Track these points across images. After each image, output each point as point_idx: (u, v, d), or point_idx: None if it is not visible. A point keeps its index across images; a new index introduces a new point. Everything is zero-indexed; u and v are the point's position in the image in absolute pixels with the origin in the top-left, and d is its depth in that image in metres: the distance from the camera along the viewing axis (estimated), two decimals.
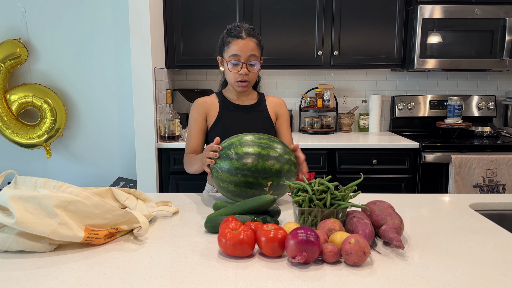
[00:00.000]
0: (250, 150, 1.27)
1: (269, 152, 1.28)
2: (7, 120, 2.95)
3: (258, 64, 1.57)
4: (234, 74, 1.55)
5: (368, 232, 0.98)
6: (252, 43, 1.53)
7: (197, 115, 1.62)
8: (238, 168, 1.25)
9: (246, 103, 1.66)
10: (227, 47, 1.54)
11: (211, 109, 1.63)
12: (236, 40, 1.52)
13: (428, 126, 3.15)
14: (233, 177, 1.26)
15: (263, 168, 1.25)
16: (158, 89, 2.70)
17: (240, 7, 2.80)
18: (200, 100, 1.65)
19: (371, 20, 2.82)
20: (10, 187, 1.01)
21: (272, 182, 1.26)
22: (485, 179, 2.54)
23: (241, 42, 1.52)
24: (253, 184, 1.25)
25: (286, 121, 1.70)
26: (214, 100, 1.65)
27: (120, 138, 3.19)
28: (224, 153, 1.30)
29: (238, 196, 1.29)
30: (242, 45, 1.51)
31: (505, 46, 2.71)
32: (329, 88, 3.08)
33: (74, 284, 0.83)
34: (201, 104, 1.63)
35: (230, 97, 1.66)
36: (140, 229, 1.07)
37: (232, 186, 1.27)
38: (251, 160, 1.25)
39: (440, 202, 1.39)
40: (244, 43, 1.52)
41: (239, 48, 1.51)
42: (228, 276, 0.86)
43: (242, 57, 1.52)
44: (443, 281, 0.84)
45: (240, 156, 1.26)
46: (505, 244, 1.03)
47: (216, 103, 1.64)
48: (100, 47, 3.08)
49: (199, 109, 1.62)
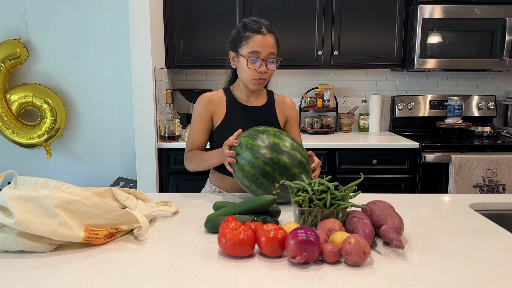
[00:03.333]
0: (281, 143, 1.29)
1: (295, 154, 1.29)
2: (7, 120, 2.95)
3: (276, 63, 1.48)
4: (252, 71, 1.45)
5: (368, 232, 0.98)
6: (272, 40, 1.46)
7: (203, 113, 1.54)
8: (261, 153, 1.26)
9: (255, 104, 1.59)
10: (245, 42, 1.44)
11: (218, 107, 1.54)
12: (256, 36, 1.43)
13: (428, 126, 3.15)
14: (254, 158, 1.26)
15: (284, 164, 1.26)
16: (158, 89, 2.70)
17: (240, 7, 2.80)
18: (206, 96, 1.55)
19: (371, 20, 2.82)
20: (10, 187, 1.01)
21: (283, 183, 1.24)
22: (485, 179, 2.54)
23: (262, 38, 1.43)
24: (268, 174, 1.25)
25: (295, 124, 1.66)
26: (221, 98, 1.56)
27: (120, 138, 3.19)
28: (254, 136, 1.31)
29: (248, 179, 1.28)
30: (263, 41, 1.43)
31: (505, 46, 2.71)
32: (329, 88, 3.08)
33: (74, 284, 0.83)
34: (208, 102, 1.54)
35: (239, 96, 1.58)
36: (140, 229, 1.07)
37: (248, 167, 1.27)
38: (279, 153, 1.26)
39: (440, 202, 1.39)
40: (265, 39, 1.43)
41: (259, 44, 1.43)
42: (228, 276, 0.86)
43: (262, 54, 1.43)
44: (443, 281, 0.84)
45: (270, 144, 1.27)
46: (505, 244, 1.03)
47: (223, 102, 1.55)
48: (100, 47, 3.08)
49: (205, 107, 1.54)
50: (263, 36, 1.44)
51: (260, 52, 1.43)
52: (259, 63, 1.44)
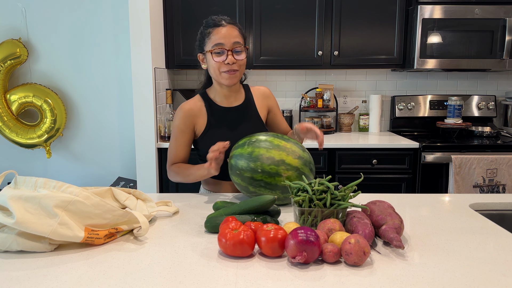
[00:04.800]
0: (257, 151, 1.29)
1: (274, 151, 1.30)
2: (7, 120, 2.95)
3: (244, 53, 1.45)
4: (220, 64, 1.42)
5: (368, 232, 0.98)
6: (235, 30, 1.43)
7: (184, 127, 1.50)
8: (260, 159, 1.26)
9: (235, 104, 1.55)
10: (207, 39, 1.43)
11: (199, 117, 1.51)
12: (217, 29, 1.41)
13: (428, 126, 3.15)
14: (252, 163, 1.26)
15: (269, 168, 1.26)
16: (158, 89, 2.70)
17: (240, 7, 2.80)
18: (185, 108, 1.51)
19: (371, 20, 2.82)
20: (10, 187, 1.01)
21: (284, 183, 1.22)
22: (485, 179, 2.54)
23: (223, 29, 1.41)
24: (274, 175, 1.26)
25: (278, 110, 1.67)
26: (200, 106, 1.52)
27: (120, 138, 3.19)
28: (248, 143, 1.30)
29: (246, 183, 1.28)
30: (224, 32, 1.41)
31: (505, 46, 2.71)
32: (329, 88, 3.08)
33: (74, 284, 0.83)
34: (187, 114, 1.50)
35: (217, 99, 1.54)
36: (140, 229, 1.07)
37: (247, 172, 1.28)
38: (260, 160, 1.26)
39: (440, 202, 1.39)
40: (226, 29, 1.41)
41: (222, 35, 1.41)
42: (228, 276, 0.86)
43: (226, 45, 1.40)
44: (443, 281, 0.84)
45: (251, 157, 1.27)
46: (505, 244, 1.03)
47: (203, 109, 1.52)
48: (100, 47, 3.08)
49: (185, 120, 1.50)
50: (224, 27, 1.42)
51: (223, 43, 1.41)
52: (225, 55, 1.41)
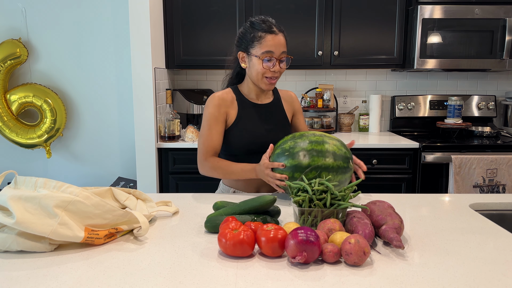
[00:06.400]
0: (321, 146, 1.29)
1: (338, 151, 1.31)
2: (7, 120, 2.95)
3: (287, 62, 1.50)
4: (266, 70, 1.46)
5: (368, 232, 0.98)
6: (283, 38, 1.47)
7: (218, 114, 1.51)
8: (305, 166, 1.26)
9: (265, 101, 1.60)
10: (257, 43, 1.44)
11: (231, 107, 1.54)
12: (269, 35, 1.43)
13: (428, 126, 3.15)
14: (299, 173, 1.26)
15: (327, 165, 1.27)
16: (158, 89, 2.70)
17: (240, 7, 2.80)
18: (218, 96, 1.53)
19: (371, 20, 2.82)
20: (10, 187, 1.01)
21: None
22: (485, 179, 2.54)
23: (275, 37, 1.44)
24: None
25: (302, 115, 1.73)
26: (232, 97, 1.55)
27: (120, 138, 3.19)
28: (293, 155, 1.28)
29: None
30: (276, 41, 1.43)
31: (505, 46, 2.71)
32: (329, 88, 3.08)
33: (74, 284, 0.83)
34: (221, 103, 1.52)
35: (248, 95, 1.58)
36: (140, 229, 1.07)
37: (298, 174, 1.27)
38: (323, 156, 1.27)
39: (440, 202, 1.39)
40: (277, 38, 1.44)
41: (273, 44, 1.43)
42: (228, 276, 0.86)
43: (275, 54, 1.44)
44: (443, 281, 0.84)
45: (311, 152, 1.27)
46: (505, 244, 1.03)
47: (234, 102, 1.55)
48: (100, 47, 3.08)
49: (219, 108, 1.51)
50: (275, 36, 1.44)
51: (273, 51, 1.44)
52: (273, 63, 1.45)
